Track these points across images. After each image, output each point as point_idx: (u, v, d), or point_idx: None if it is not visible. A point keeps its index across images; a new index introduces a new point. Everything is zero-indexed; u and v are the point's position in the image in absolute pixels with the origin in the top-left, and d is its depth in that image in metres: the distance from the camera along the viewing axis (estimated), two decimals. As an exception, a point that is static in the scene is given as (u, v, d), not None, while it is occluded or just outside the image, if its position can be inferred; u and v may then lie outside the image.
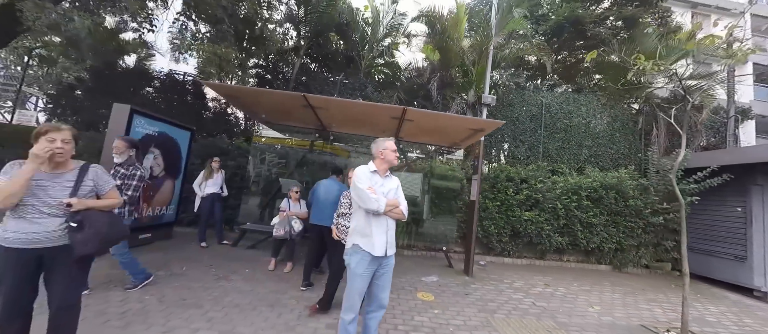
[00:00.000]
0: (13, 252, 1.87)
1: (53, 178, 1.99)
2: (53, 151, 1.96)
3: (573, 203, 6.33)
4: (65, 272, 2.03)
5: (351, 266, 2.48)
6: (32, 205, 1.89)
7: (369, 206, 2.40)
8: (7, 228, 1.88)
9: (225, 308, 3.38)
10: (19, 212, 1.88)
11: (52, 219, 1.95)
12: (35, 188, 1.91)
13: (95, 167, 2.21)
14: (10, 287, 1.88)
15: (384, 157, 2.64)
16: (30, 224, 1.89)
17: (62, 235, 1.97)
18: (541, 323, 3.86)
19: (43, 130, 2.00)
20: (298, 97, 4.33)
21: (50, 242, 1.94)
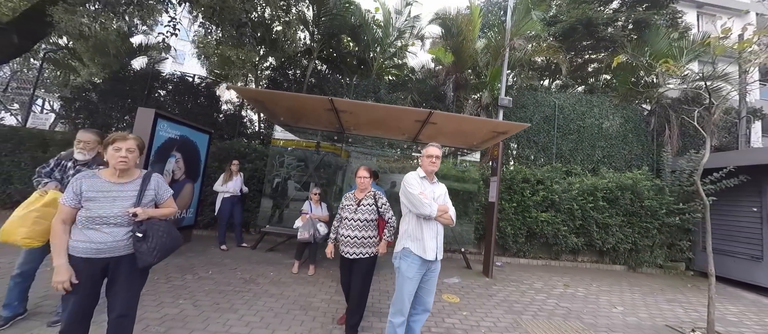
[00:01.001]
0: (82, 261, 1.88)
1: (119, 187, 2.01)
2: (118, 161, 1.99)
3: (589, 204, 6.38)
4: (128, 281, 2.04)
5: (401, 269, 2.51)
6: (99, 215, 1.90)
7: (422, 211, 2.44)
8: (74, 238, 1.90)
9: (259, 312, 3.40)
10: (87, 221, 1.89)
11: (119, 229, 1.95)
12: (101, 199, 1.93)
13: (156, 176, 2.22)
14: (78, 296, 1.89)
15: (423, 164, 2.69)
16: (97, 234, 1.90)
17: (127, 244, 1.98)
18: (569, 324, 3.90)
19: (110, 139, 2.01)
20: (324, 100, 4.36)
21: (116, 251, 1.95)
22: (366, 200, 3.02)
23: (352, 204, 3.02)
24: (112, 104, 8.03)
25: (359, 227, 2.92)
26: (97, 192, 1.93)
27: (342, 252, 2.93)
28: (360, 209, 2.96)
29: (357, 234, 2.91)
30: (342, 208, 3.09)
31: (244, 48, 4.73)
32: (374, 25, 9.04)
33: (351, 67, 9.40)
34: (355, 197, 3.05)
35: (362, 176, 3.05)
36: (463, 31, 6.93)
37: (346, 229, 2.95)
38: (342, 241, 2.96)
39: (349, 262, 2.94)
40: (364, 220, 2.94)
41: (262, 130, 8.52)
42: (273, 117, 5.66)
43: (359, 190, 3.08)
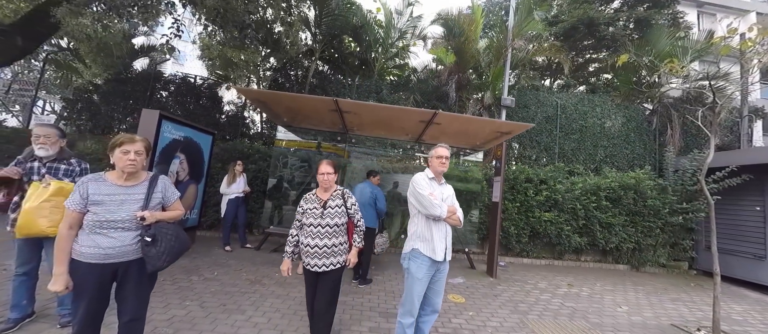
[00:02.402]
0: (90, 267, 1.85)
1: (126, 190, 1.97)
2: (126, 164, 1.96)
3: (592, 203, 6.39)
4: (137, 285, 2.03)
5: (411, 270, 2.52)
6: (107, 219, 1.87)
7: (433, 212, 2.45)
8: (82, 243, 1.86)
9: (266, 313, 3.40)
10: (94, 226, 1.85)
11: (127, 233, 1.92)
12: (108, 202, 1.89)
13: (163, 178, 2.19)
14: (88, 301, 1.87)
15: (431, 165, 2.69)
16: (105, 239, 1.87)
17: (136, 249, 1.95)
18: (575, 324, 3.90)
19: (117, 141, 1.97)
20: (328, 101, 4.37)
21: (125, 256, 1.92)
22: (333, 201, 2.53)
23: (316, 208, 2.48)
24: (114, 105, 8.02)
25: (326, 234, 2.44)
26: (104, 195, 1.89)
27: (305, 264, 2.47)
28: (327, 213, 2.47)
29: (326, 243, 2.44)
30: (302, 213, 2.52)
31: (247, 49, 4.73)
32: (375, 26, 9.05)
33: (352, 67, 9.40)
34: (319, 198, 2.53)
35: (325, 171, 2.49)
36: (465, 32, 6.94)
37: (309, 237, 2.43)
38: (305, 252, 2.46)
39: (315, 275, 2.48)
40: (333, 225, 2.46)
41: (264, 130, 8.52)
42: (275, 118, 5.66)
43: (322, 189, 2.56)
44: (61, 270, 1.84)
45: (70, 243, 1.88)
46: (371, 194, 4.09)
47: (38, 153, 2.67)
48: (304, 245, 2.47)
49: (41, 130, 2.71)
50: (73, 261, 1.87)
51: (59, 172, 2.75)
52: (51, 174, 2.71)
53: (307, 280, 2.58)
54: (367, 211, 4.02)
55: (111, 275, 1.94)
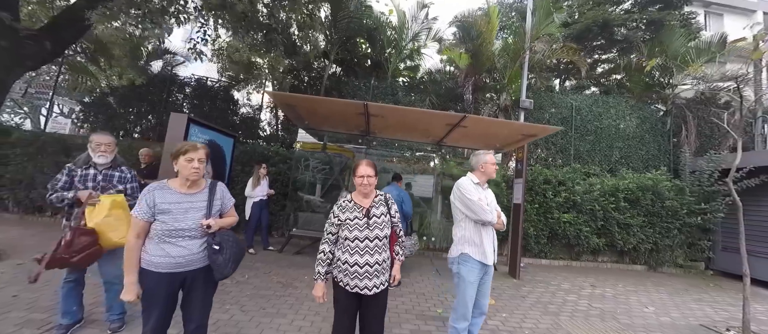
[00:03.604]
0: (161, 276, 1.86)
1: (189, 198, 1.98)
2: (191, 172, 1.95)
3: (611, 204, 6.44)
4: (203, 293, 2.05)
5: (461, 274, 2.55)
6: (175, 228, 1.88)
7: (484, 218, 2.49)
8: (153, 252, 1.86)
9: (307, 316, 3.43)
10: (163, 235, 1.86)
11: (193, 241, 1.93)
12: (175, 211, 1.90)
13: (221, 185, 2.20)
14: (160, 310, 1.90)
15: (484, 170, 2.72)
16: (174, 248, 1.87)
17: (203, 257, 1.96)
18: (607, 325, 3.95)
19: (182, 149, 1.96)
20: (358, 105, 4.40)
21: (193, 264, 1.93)
22: (376, 208, 2.12)
23: (359, 217, 2.05)
24: (131, 108, 8.03)
25: (376, 249, 2.03)
26: (170, 204, 1.90)
27: (347, 286, 2.02)
28: (373, 224, 2.06)
29: (377, 259, 2.03)
30: (338, 223, 2.07)
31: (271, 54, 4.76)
32: (388, 28, 9.08)
33: (364, 69, 9.43)
34: (359, 205, 2.11)
35: (365, 174, 2.08)
36: (482, 34, 6.99)
37: (354, 253, 2.01)
38: (346, 271, 2.02)
39: (356, 300, 2.07)
40: (382, 237, 2.06)
41: (281, 132, 8.55)
42: (298, 119, 5.68)
43: (362, 195, 2.14)
44: (132, 280, 1.86)
45: (139, 252, 1.89)
46: (398, 197, 4.14)
47: (98, 161, 2.70)
48: (343, 263, 2.02)
49: (103, 138, 2.74)
50: (144, 271, 1.87)
51: (113, 179, 2.79)
52: (106, 181, 2.75)
53: (344, 306, 2.07)
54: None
55: (180, 284, 1.96)
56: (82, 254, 2.43)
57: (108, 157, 2.74)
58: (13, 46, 4.26)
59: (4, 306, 3.04)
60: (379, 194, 2.24)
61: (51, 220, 6.78)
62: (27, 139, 6.64)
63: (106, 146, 2.73)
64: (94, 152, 2.70)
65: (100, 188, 2.72)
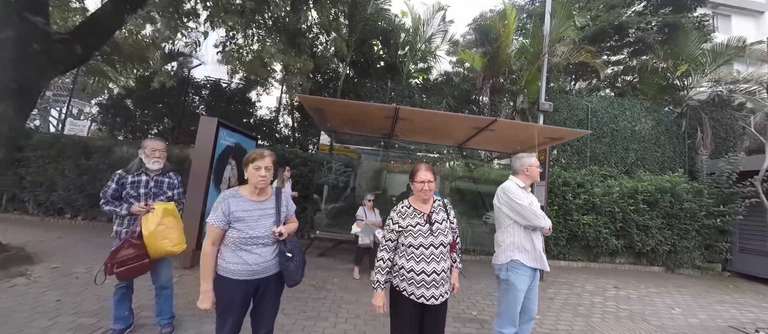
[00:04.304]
0: (238, 283, 1.88)
1: (259, 206, 1.99)
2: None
3: (630, 206, 6.48)
4: (274, 299, 2.08)
5: (511, 281, 2.53)
6: (250, 235, 1.89)
7: (538, 224, 2.49)
8: (229, 260, 1.88)
9: (349, 319, 3.46)
10: (239, 243, 1.88)
11: (266, 248, 1.95)
12: (248, 218, 1.91)
13: (285, 192, 2.24)
14: (235, 317, 1.92)
15: (529, 174, 2.73)
16: (250, 255, 1.89)
17: (275, 264, 1.98)
18: (639, 327, 3.99)
19: (251, 157, 1.98)
20: (388, 109, 4.43)
21: (267, 271, 1.96)
22: (437, 214, 2.08)
23: (421, 223, 2.01)
24: (147, 110, 8.04)
25: (441, 257, 1.99)
26: (244, 212, 1.92)
27: (412, 295, 1.95)
28: (436, 230, 2.01)
29: (443, 267, 1.99)
30: (399, 230, 2.02)
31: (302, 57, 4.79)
32: (402, 31, 9.11)
33: (377, 71, 9.46)
34: (419, 211, 2.07)
35: (426, 179, 2.03)
36: (500, 37, 7.03)
37: (417, 261, 1.95)
38: (411, 279, 1.95)
39: (419, 310, 1.99)
40: (446, 244, 2.03)
41: (297, 134, 8.57)
42: (321, 122, 5.71)
43: (421, 201, 2.10)
44: (208, 287, 1.88)
45: (214, 260, 1.91)
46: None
47: (152, 167, 2.72)
48: (408, 271, 1.96)
49: (156, 143, 2.76)
50: (221, 278, 1.90)
51: (164, 185, 2.81)
52: (157, 187, 2.76)
53: (405, 316, 2.00)
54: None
55: (254, 291, 1.98)
56: (124, 268, 2.44)
57: (161, 162, 2.77)
58: (45, 50, 4.28)
59: (51, 311, 3.05)
60: (436, 199, 2.19)
61: (71, 222, 6.79)
62: (47, 141, 6.65)
63: (160, 152, 2.76)
64: (149, 158, 2.72)
65: (152, 194, 2.74)
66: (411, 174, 2.19)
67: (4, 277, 3.67)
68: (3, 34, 4.05)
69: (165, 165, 2.85)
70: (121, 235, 2.64)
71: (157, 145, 2.74)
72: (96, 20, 4.86)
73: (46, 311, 3.04)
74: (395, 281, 2.04)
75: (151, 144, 2.73)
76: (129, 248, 2.47)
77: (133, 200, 2.66)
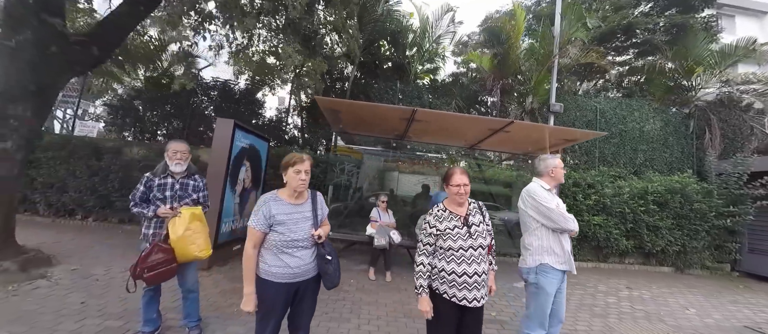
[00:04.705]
0: (280, 286, 1.90)
1: (298, 209, 2.00)
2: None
3: (641, 207, 6.51)
4: (312, 301, 2.10)
5: (541, 284, 2.52)
6: (291, 239, 1.90)
7: (567, 226, 2.49)
8: (271, 263, 1.89)
9: (371, 320, 3.48)
10: (281, 246, 1.89)
11: (306, 251, 1.96)
12: (288, 221, 1.92)
13: (319, 195, 2.23)
14: (276, 319, 1.94)
15: (554, 175, 2.73)
16: (291, 258, 1.90)
17: (314, 266, 1.99)
18: (656, 327, 4.01)
19: (291, 161, 1.99)
20: (406, 111, 4.44)
21: (307, 274, 1.97)
22: (473, 217, 2.10)
23: (458, 226, 2.04)
24: (155, 111, 8.04)
25: (481, 258, 2.02)
26: (284, 215, 1.92)
27: (454, 298, 1.97)
28: (474, 232, 2.04)
29: (484, 269, 2.03)
30: (437, 234, 2.04)
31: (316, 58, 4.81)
32: (410, 32, 9.12)
33: (384, 72, 9.47)
34: (456, 214, 2.09)
35: (462, 182, 2.06)
36: (510, 38, 7.04)
37: (458, 263, 1.98)
38: (452, 282, 1.97)
39: (459, 312, 2.01)
40: (485, 246, 2.06)
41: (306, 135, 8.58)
42: (335, 123, 5.72)
43: (457, 204, 2.12)
44: (250, 290, 1.89)
45: (255, 263, 1.92)
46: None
47: (175, 169, 2.71)
48: (449, 273, 1.98)
49: (179, 145, 2.74)
50: (264, 281, 1.91)
51: (189, 187, 2.81)
52: (182, 190, 2.77)
53: (445, 319, 2.00)
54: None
55: (294, 294, 2.00)
56: (153, 272, 2.45)
57: (183, 165, 2.76)
58: (62, 52, 4.28)
59: (77, 314, 3.06)
60: (471, 202, 2.20)
61: (82, 223, 6.79)
62: (58, 142, 6.65)
63: (182, 154, 2.74)
64: (171, 160, 2.72)
65: (177, 197, 2.75)
66: (445, 177, 2.22)
67: (26, 279, 3.68)
68: (21, 36, 4.05)
69: (189, 167, 2.85)
70: (150, 238, 2.65)
71: (179, 147, 2.73)
72: (111, 22, 4.86)
73: (72, 314, 3.05)
74: (434, 283, 2.05)
75: (173, 146, 2.73)
76: (158, 253, 2.48)
77: (160, 203, 2.67)
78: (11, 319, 2.87)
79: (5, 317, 2.89)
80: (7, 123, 3.96)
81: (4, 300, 3.23)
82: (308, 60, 4.60)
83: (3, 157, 3.95)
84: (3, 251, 3.95)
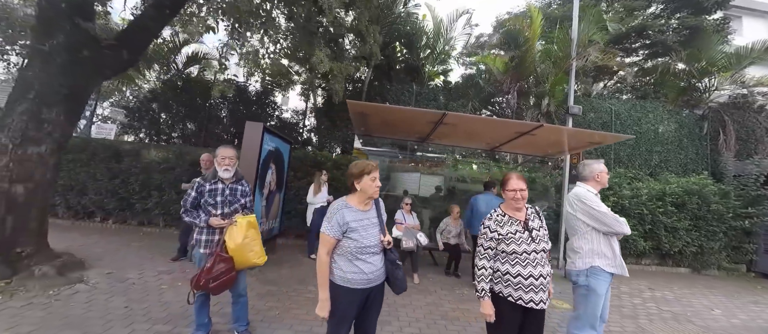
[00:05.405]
0: (355, 292, 1.92)
1: (366, 215, 2.02)
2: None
3: (659, 209, 6.56)
4: (378, 307, 2.12)
5: (592, 286, 2.56)
6: (365, 245, 1.92)
7: (620, 230, 2.53)
8: (347, 270, 1.91)
9: (411, 322, 3.52)
10: (355, 253, 1.91)
11: (377, 257, 1.99)
12: (360, 228, 1.94)
13: (380, 201, 2.27)
14: (349, 324, 1.97)
15: (600, 180, 2.79)
16: (366, 264, 1.92)
17: (383, 272, 2.02)
18: (686, 327, 4.07)
19: (367, 169, 2.00)
20: (436, 114, 4.46)
21: (378, 280, 2.00)
22: (532, 221, 2.16)
23: (520, 230, 2.09)
24: (171, 113, 8.04)
25: (544, 262, 2.07)
26: (356, 222, 1.94)
27: (519, 300, 2.02)
28: (536, 236, 2.10)
29: (548, 271, 2.09)
30: (498, 239, 2.10)
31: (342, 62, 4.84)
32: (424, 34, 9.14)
33: (398, 73, 9.50)
34: (515, 218, 2.15)
35: (519, 187, 2.13)
36: (527, 40, 7.09)
37: (522, 266, 2.03)
38: (517, 284, 2.03)
39: (521, 315, 2.06)
40: (548, 250, 2.12)
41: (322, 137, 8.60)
42: (360, 125, 5.74)
43: (515, 209, 2.18)
44: (326, 295, 1.91)
45: (329, 269, 1.94)
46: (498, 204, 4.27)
47: (223, 175, 2.74)
48: (514, 276, 2.03)
49: (227, 151, 2.76)
50: (339, 287, 1.92)
51: (237, 192, 2.83)
52: (232, 195, 2.79)
53: (507, 321, 2.06)
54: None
55: (365, 299, 2.02)
56: (219, 281, 2.50)
57: (231, 170, 2.79)
58: (94, 56, 4.29)
59: (123, 319, 3.08)
60: (528, 206, 2.26)
61: (102, 225, 6.79)
62: (78, 145, 6.64)
63: (230, 160, 2.76)
64: (220, 166, 2.74)
65: (227, 202, 2.77)
66: (502, 183, 2.29)
67: (65, 283, 3.69)
68: (55, 40, 4.06)
69: (237, 172, 2.88)
70: (203, 243, 2.67)
71: (226, 153, 2.75)
72: (138, 26, 4.86)
73: (118, 319, 3.07)
74: (497, 287, 2.10)
75: (221, 152, 2.76)
76: (220, 263, 2.51)
77: (211, 208, 2.70)
78: (61, 324, 2.89)
79: (56, 323, 2.91)
80: (41, 127, 3.97)
81: (47, 305, 3.24)
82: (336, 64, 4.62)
83: (38, 162, 3.96)
84: (38, 255, 3.96)
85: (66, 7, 4.11)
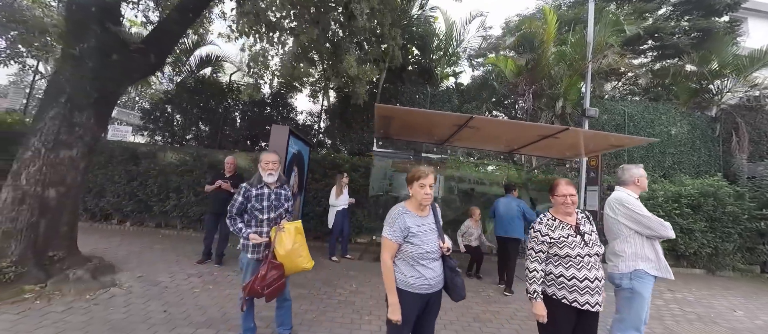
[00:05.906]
0: (416, 297, 1.94)
1: (424, 221, 2.04)
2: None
3: (675, 210, 6.62)
4: (436, 313, 2.14)
5: (637, 289, 2.60)
6: (426, 250, 1.95)
7: (664, 233, 2.57)
8: (409, 274, 1.94)
9: (446, 324, 3.55)
10: (417, 258, 1.93)
11: (436, 263, 2.00)
12: (421, 234, 1.97)
13: (437, 206, 2.29)
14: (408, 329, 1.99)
15: (639, 184, 2.84)
16: (426, 269, 1.95)
17: (442, 278, 2.04)
18: (712, 328, 4.11)
19: (416, 175, 2.03)
20: (462, 118, 4.50)
21: (438, 285, 2.01)
22: (583, 225, 2.19)
23: (572, 234, 2.12)
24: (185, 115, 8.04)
25: (598, 266, 2.10)
26: (417, 227, 1.97)
27: (575, 302, 2.05)
28: (589, 240, 2.13)
29: (603, 274, 2.13)
30: (550, 243, 2.13)
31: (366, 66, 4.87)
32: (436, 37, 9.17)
33: (409, 75, 9.52)
34: (566, 222, 2.17)
35: (569, 193, 2.16)
36: (543, 43, 7.14)
37: (576, 269, 2.06)
38: (572, 287, 2.06)
39: (575, 318, 2.10)
40: (600, 254, 2.15)
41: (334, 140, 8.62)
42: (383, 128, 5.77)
43: (565, 213, 2.20)
44: (395, 299, 1.93)
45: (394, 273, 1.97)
46: (518, 207, 4.31)
47: (268, 180, 2.76)
48: (569, 278, 2.06)
49: (271, 156, 2.79)
50: (401, 292, 1.94)
51: (281, 197, 2.86)
52: (276, 199, 2.81)
53: (561, 324, 2.09)
54: (516, 223, 4.24)
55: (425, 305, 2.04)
56: (271, 288, 2.53)
57: (275, 175, 2.80)
58: (123, 60, 4.30)
59: (165, 323, 3.09)
60: (578, 211, 2.30)
61: (120, 228, 6.79)
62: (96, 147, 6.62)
63: (274, 164, 2.79)
64: (264, 171, 2.76)
65: (273, 207, 2.79)
66: (551, 188, 2.33)
67: (99, 287, 3.70)
68: (85, 44, 4.07)
69: (280, 177, 2.90)
70: (250, 249, 2.69)
71: (270, 158, 2.77)
72: (163, 29, 4.88)
73: (160, 323, 3.08)
74: (550, 289, 2.14)
75: (265, 157, 2.78)
76: (272, 270, 2.54)
77: (258, 213, 2.72)
78: (105, 329, 2.91)
79: (100, 327, 2.92)
80: (73, 131, 3.98)
81: (86, 310, 3.25)
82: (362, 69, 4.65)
83: (70, 166, 3.97)
84: (70, 258, 3.98)
85: (96, 11, 4.13)
